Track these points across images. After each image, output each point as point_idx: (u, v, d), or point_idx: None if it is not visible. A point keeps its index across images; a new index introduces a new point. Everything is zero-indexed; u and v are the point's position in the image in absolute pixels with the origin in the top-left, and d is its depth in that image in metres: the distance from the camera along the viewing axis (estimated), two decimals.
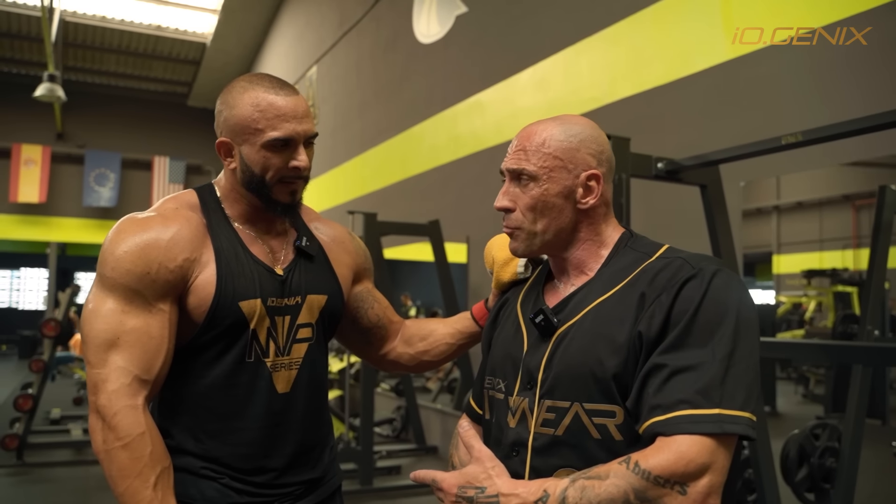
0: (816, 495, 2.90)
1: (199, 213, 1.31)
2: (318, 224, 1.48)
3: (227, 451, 1.27)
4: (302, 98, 1.29)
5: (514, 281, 1.33)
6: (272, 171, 1.27)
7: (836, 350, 2.66)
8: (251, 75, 1.31)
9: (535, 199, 1.11)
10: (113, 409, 1.15)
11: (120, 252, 1.21)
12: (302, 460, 1.34)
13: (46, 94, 8.96)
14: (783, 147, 2.00)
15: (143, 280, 1.20)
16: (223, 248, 1.29)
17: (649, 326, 0.98)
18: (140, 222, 1.25)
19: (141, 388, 1.18)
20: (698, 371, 0.93)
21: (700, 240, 2.70)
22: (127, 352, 1.18)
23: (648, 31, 4.02)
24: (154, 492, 1.15)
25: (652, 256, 1.08)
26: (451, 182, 6.16)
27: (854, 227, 3.39)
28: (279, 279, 1.33)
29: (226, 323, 1.25)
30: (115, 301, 1.20)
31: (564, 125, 1.13)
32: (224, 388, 1.27)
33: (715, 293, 0.98)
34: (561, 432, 1.03)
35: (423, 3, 6.69)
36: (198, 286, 1.25)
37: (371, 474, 4.71)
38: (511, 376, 1.13)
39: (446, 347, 1.52)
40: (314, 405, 1.37)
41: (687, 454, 0.89)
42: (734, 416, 0.92)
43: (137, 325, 1.19)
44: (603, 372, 1.00)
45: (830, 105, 3.00)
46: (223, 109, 1.30)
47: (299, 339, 1.34)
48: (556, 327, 1.08)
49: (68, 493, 4.73)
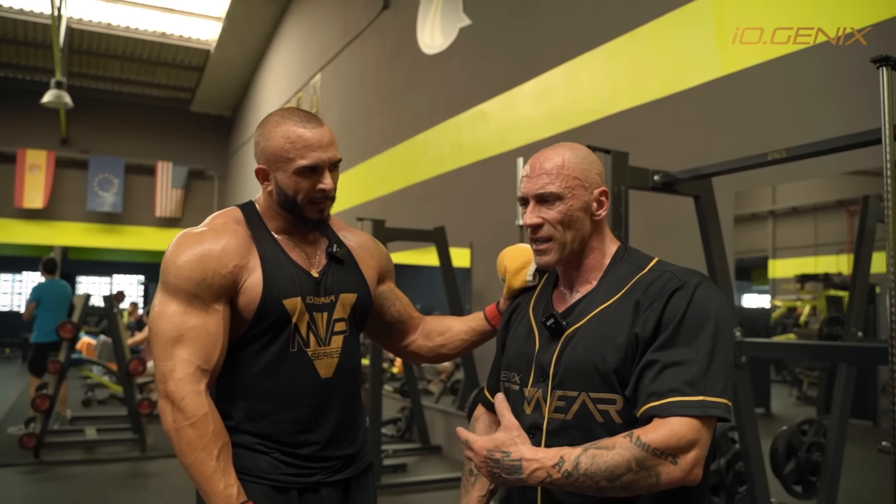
0: (803, 487, 3.08)
1: (245, 227, 1.52)
2: (346, 233, 1.69)
3: (276, 429, 1.47)
4: (327, 129, 1.49)
5: (524, 288, 1.54)
6: (302, 193, 1.47)
7: (821, 350, 2.85)
8: (283, 110, 1.51)
9: (562, 214, 1.29)
10: (181, 394, 1.35)
11: (181, 262, 1.41)
12: (340, 437, 1.54)
13: (54, 100, 9.05)
14: (769, 162, 2.19)
15: (200, 285, 1.40)
16: (267, 255, 1.49)
17: (644, 329, 1.18)
18: (196, 236, 1.46)
19: (203, 376, 1.38)
20: (685, 365, 1.14)
21: (694, 246, 2.88)
22: (190, 346, 1.38)
23: (647, 47, 4.20)
24: (217, 462, 1.35)
25: (644, 269, 1.29)
26: (454, 189, 6.34)
27: (848, 232, 3.49)
28: (315, 280, 1.53)
29: (272, 318, 1.45)
30: (178, 304, 1.40)
31: (573, 150, 1.33)
32: (272, 374, 1.47)
33: (698, 301, 1.18)
34: (570, 417, 1.23)
35: (427, 15, 6.87)
36: (247, 288, 1.45)
37: (378, 472, 4.87)
38: (525, 371, 1.33)
39: (461, 343, 1.73)
40: (351, 389, 1.58)
41: (678, 432, 1.09)
42: (715, 403, 1.12)
43: (197, 324, 1.39)
44: (605, 366, 1.20)
45: (818, 121, 3.18)
46: (260, 140, 1.50)
47: (337, 331, 1.55)
48: (564, 329, 1.28)
49: (84, 490, 4.88)
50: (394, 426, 6.38)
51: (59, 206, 13.52)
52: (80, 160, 13.73)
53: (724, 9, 3.67)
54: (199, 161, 14.79)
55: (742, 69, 3.53)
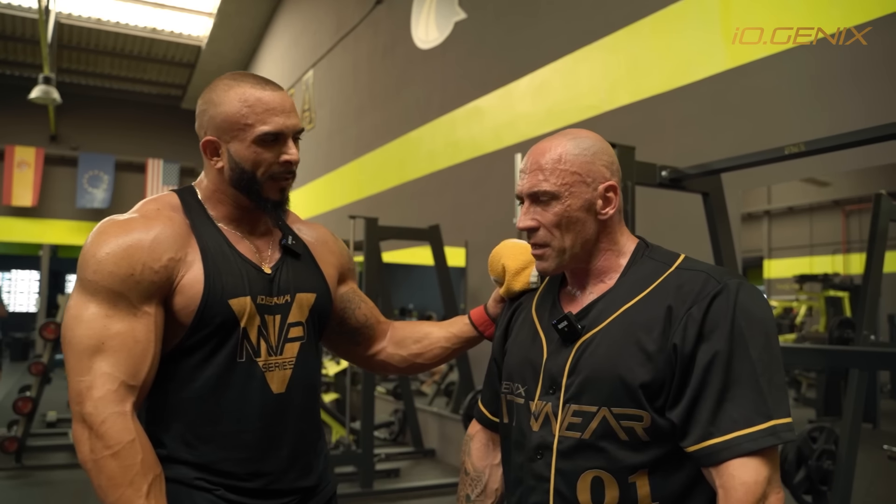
0: (814, 497, 2.95)
1: (182, 214, 1.29)
2: (301, 226, 1.47)
3: (221, 456, 1.23)
4: (287, 94, 1.29)
5: (524, 290, 1.36)
6: (263, 166, 1.26)
7: (834, 355, 2.73)
8: (234, 73, 1.30)
9: (559, 216, 1.13)
10: (100, 417, 1.11)
11: (102, 254, 1.18)
12: (297, 465, 1.31)
13: (42, 96, 8.91)
14: (786, 157, 2.06)
15: (126, 282, 1.17)
16: (209, 247, 1.26)
17: (684, 340, 1.03)
18: (122, 224, 1.22)
19: (128, 394, 1.15)
20: (745, 387, 0.99)
21: (694, 246, 2.75)
22: (112, 357, 1.14)
23: (647, 41, 4.08)
24: (147, 500, 1.12)
25: (671, 266, 1.13)
26: (449, 187, 6.21)
27: (844, 232, 3.43)
28: (267, 277, 1.30)
29: (215, 322, 1.22)
30: (98, 305, 1.16)
31: (576, 139, 1.16)
32: (216, 390, 1.23)
33: (743, 306, 1.03)
34: (588, 436, 1.07)
35: (421, 9, 6.74)
36: (185, 286, 1.22)
37: (371, 477, 4.74)
38: (531, 381, 1.16)
39: (441, 351, 1.52)
40: (308, 405, 1.34)
41: (749, 485, 0.96)
42: (786, 424, 0.98)
43: (122, 329, 1.16)
44: (632, 378, 1.04)
45: (831, 115, 3.06)
46: (208, 108, 1.27)
47: (291, 338, 1.32)
48: (580, 334, 1.12)
49: (67, 495, 4.74)
50: (386, 429, 6.25)
51: (49, 204, 13.31)
52: (69, 157, 13.52)
53: (729, 0, 3.55)
54: (190, 158, 14.56)
55: (748, 62, 3.41)
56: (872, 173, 3.01)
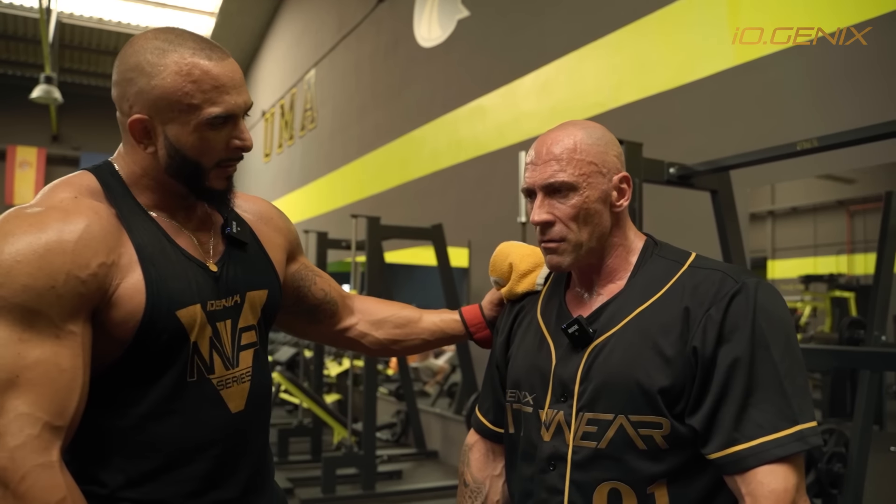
0: (824, 501, 2.90)
1: (106, 202, 1.04)
2: (239, 201, 1.22)
3: (172, 491, 1.03)
4: (234, 61, 1.07)
5: (526, 293, 1.28)
6: (211, 154, 1.04)
7: (845, 355, 2.68)
8: (164, 30, 1.06)
9: (577, 209, 1.07)
10: (19, 472, 0.87)
11: (9, 261, 0.91)
12: (256, 485, 1.15)
13: (43, 95, 8.92)
14: (798, 153, 2.01)
15: (45, 297, 0.91)
16: (145, 245, 1.02)
17: (703, 342, 0.98)
18: (33, 219, 0.95)
19: (53, 438, 0.91)
20: (768, 391, 0.95)
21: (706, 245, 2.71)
22: (31, 393, 0.89)
23: (653, 37, 4.03)
24: None
25: (683, 265, 1.08)
26: (452, 186, 6.16)
27: (848, 232, 3.39)
28: (213, 276, 1.09)
29: (161, 339, 1.00)
30: (9, 327, 0.90)
31: (586, 129, 1.11)
32: (163, 417, 1.02)
33: (763, 306, 0.99)
34: (604, 445, 1.02)
35: (424, 7, 6.70)
36: (121, 297, 0.98)
37: (373, 479, 4.69)
38: (540, 389, 1.11)
39: (420, 343, 1.39)
40: (263, 419, 1.17)
41: (778, 492, 0.92)
42: (812, 429, 0.94)
43: (42, 357, 0.91)
44: (651, 384, 0.99)
45: (837, 111, 3.01)
46: (135, 77, 1.03)
47: (244, 345, 1.13)
48: (592, 338, 1.06)
49: None
50: (388, 430, 6.21)
51: None
52: (71, 157, 13.54)
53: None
54: None
55: (757, 58, 3.36)
56: (878, 172, 2.96)
